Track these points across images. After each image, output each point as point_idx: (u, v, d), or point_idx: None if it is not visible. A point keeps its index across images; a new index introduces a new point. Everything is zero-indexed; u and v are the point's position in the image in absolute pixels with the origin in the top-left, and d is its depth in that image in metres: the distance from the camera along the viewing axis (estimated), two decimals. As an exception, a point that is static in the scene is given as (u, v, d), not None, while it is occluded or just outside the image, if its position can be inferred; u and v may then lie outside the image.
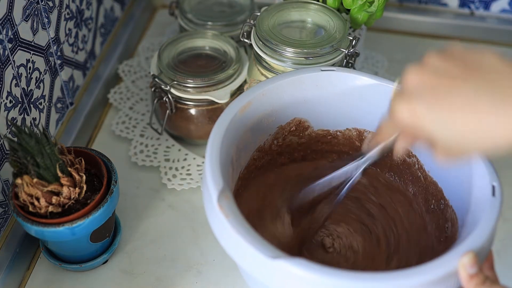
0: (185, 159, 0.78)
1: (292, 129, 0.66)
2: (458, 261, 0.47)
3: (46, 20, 0.71)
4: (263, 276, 0.49)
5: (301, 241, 0.62)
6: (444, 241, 0.59)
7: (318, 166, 0.69)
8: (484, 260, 0.50)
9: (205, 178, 0.53)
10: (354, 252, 0.63)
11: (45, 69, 0.72)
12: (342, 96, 0.64)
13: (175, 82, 0.75)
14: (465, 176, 0.56)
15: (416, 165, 0.65)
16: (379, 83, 0.62)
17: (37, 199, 0.59)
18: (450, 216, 0.59)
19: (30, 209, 0.59)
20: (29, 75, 0.68)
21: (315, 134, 0.68)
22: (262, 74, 0.71)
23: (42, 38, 0.71)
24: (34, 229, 0.60)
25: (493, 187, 0.52)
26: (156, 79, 0.75)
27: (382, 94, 0.62)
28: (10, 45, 0.63)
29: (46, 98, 0.73)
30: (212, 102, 0.76)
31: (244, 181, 0.65)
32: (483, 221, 0.50)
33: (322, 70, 0.63)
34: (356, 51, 0.69)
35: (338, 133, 0.68)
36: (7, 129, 0.65)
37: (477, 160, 0.55)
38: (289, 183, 0.66)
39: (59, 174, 0.58)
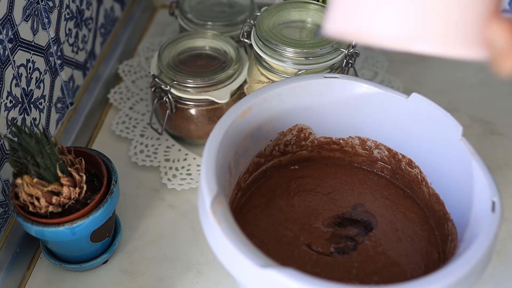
0: (185, 159, 0.78)
1: (293, 136, 0.66)
2: None
3: (46, 20, 0.71)
4: (253, 285, 0.48)
5: None
6: (443, 255, 0.59)
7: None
8: None
9: (200, 183, 0.53)
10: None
11: (45, 69, 0.72)
12: (345, 104, 0.63)
13: (175, 82, 0.75)
14: (466, 189, 0.55)
15: (419, 176, 0.64)
16: (383, 92, 0.61)
17: (37, 199, 0.59)
18: (450, 230, 0.58)
19: (30, 209, 0.59)
20: (29, 75, 0.68)
21: (317, 141, 0.67)
22: (262, 74, 0.71)
23: (42, 38, 0.71)
24: (34, 229, 0.60)
25: (493, 203, 0.50)
26: (156, 79, 0.75)
27: (385, 103, 0.61)
28: (10, 45, 0.63)
29: (46, 98, 0.74)
30: (212, 102, 0.76)
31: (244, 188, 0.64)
32: (480, 238, 0.48)
33: (325, 77, 0.62)
34: (356, 51, 0.69)
35: (341, 140, 0.67)
36: (7, 129, 0.65)
37: (478, 173, 0.53)
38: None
39: (59, 174, 0.58)
